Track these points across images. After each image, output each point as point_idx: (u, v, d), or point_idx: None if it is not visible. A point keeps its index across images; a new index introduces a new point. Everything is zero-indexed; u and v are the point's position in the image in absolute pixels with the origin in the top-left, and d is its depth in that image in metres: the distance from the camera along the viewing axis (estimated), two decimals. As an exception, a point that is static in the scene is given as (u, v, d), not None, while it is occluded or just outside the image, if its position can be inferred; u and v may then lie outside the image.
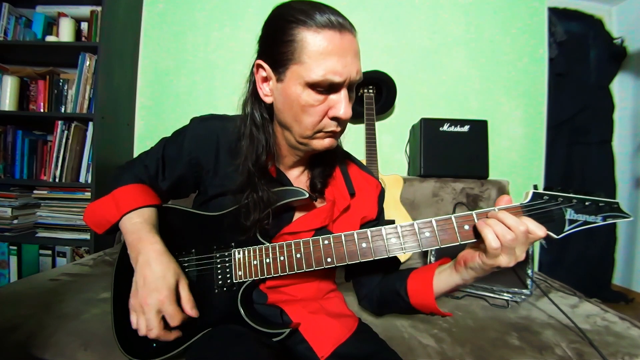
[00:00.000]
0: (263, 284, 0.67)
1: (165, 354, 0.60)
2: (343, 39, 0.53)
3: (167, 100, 1.81)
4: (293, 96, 0.55)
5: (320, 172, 0.69)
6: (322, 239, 0.60)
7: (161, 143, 0.71)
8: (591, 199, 0.55)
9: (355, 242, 0.58)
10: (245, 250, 0.63)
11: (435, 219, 0.56)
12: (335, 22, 0.53)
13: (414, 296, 0.65)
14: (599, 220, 0.54)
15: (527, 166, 1.85)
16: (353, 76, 0.55)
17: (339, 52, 0.53)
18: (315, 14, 0.52)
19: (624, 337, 0.86)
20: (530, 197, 0.56)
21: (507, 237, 0.50)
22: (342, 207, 0.70)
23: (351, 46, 0.54)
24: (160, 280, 0.55)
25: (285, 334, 0.59)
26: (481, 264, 0.55)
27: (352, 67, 0.54)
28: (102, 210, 0.63)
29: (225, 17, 1.81)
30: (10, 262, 1.61)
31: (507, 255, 0.52)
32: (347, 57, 0.53)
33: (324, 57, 0.52)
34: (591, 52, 2.06)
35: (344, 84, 0.55)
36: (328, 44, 0.52)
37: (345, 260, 0.59)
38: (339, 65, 0.53)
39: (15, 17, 1.65)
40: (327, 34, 0.52)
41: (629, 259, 2.09)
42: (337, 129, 0.59)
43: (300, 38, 0.53)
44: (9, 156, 1.62)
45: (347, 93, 0.56)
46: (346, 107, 0.56)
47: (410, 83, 1.80)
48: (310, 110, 0.56)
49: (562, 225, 0.54)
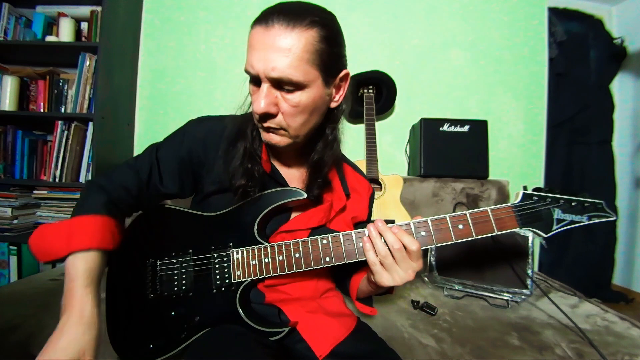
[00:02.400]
0: (261, 283, 0.67)
1: (163, 355, 0.60)
2: (266, 33, 0.52)
3: (167, 100, 1.81)
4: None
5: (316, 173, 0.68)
6: (320, 238, 0.60)
7: (152, 148, 0.69)
8: (577, 200, 0.58)
9: (353, 241, 0.59)
10: (243, 250, 0.63)
11: (430, 218, 0.58)
12: (265, 19, 0.53)
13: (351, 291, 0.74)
14: (585, 219, 0.58)
15: (527, 166, 1.85)
16: (267, 71, 0.52)
17: (258, 45, 0.53)
18: (263, 12, 0.55)
19: (624, 337, 0.86)
20: (521, 197, 0.59)
21: (382, 254, 0.54)
22: (339, 207, 0.71)
23: (275, 41, 0.51)
24: (60, 351, 0.47)
25: (283, 334, 0.60)
26: (371, 279, 0.59)
27: (267, 63, 0.52)
28: (52, 238, 0.55)
29: (225, 17, 1.81)
30: (10, 262, 1.61)
31: (389, 273, 0.55)
32: (266, 52, 0.52)
33: (250, 51, 0.54)
34: (591, 52, 2.06)
35: (261, 78, 0.54)
36: (251, 38, 0.54)
37: (344, 260, 0.59)
38: (254, 59, 0.53)
39: (15, 17, 1.65)
40: (255, 29, 0.54)
41: (629, 259, 2.09)
42: (267, 124, 0.57)
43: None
44: (9, 156, 1.62)
45: (267, 87, 0.54)
46: (257, 102, 0.54)
47: (410, 83, 1.80)
48: (251, 100, 0.59)
49: (550, 224, 0.58)
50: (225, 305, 0.61)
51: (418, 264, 0.55)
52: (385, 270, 0.55)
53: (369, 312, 0.71)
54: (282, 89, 0.55)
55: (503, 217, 0.57)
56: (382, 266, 0.56)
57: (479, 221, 0.57)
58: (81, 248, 0.53)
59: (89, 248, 0.54)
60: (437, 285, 1.17)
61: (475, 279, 1.11)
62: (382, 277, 0.56)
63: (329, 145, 0.65)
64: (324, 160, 0.66)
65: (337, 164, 0.74)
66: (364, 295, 0.72)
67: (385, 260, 0.55)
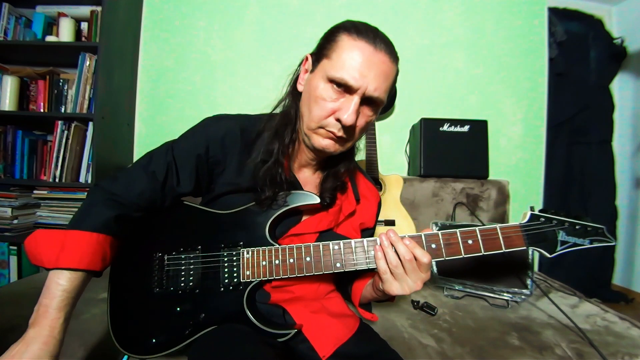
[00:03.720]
0: (268, 284, 0.67)
1: (166, 350, 0.60)
2: (374, 54, 0.56)
3: (167, 100, 1.81)
4: (314, 86, 0.60)
5: (332, 182, 0.69)
6: (332, 244, 0.61)
7: (167, 147, 0.67)
8: (581, 223, 0.61)
9: (364, 249, 0.60)
10: (254, 251, 0.63)
11: (441, 232, 0.59)
12: (373, 39, 0.56)
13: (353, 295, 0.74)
14: (587, 243, 0.61)
15: (527, 166, 1.85)
16: (369, 89, 0.56)
17: (365, 62, 0.55)
18: (363, 29, 0.58)
19: (624, 337, 0.86)
20: (528, 217, 0.61)
21: (393, 263, 0.55)
22: (348, 211, 0.72)
23: (380, 64, 0.56)
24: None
25: (289, 336, 0.60)
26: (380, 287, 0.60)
27: (372, 81, 0.56)
28: (43, 248, 0.55)
29: (225, 17, 1.80)
30: (10, 262, 1.60)
31: (398, 283, 0.56)
32: (371, 70, 0.56)
33: (349, 59, 0.56)
34: (591, 52, 2.06)
35: (358, 91, 0.56)
36: (358, 51, 0.56)
37: (355, 267, 0.60)
38: (359, 73, 0.55)
39: (15, 17, 1.65)
40: (361, 43, 0.56)
41: (629, 259, 2.09)
42: (339, 132, 0.59)
43: (339, 39, 0.58)
44: (9, 156, 1.62)
45: (358, 101, 0.57)
46: (351, 114, 0.56)
47: (410, 83, 1.80)
48: (321, 103, 0.58)
49: (554, 245, 0.61)
50: (232, 304, 0.61)
51: (427, 274, 0.57)
52: (395, 279, 0.56)
53: (370, 317, 0.71)
54: (365, 105, 0.59)
55: (511, 235, 0.60)
56: (392, 275, 0.56)
57: (488, 238, 0.59)
58: (68, 267, 0.53)
59: (76, 269, 0.53)
60: (437, 285, 1.17)
61: (475, 279, 1.11)
62: (391, 286, 0.57)
63: (350, 157, 0.70)
64: (341, 169, 0.69)
65: (352, 172, 0.75)
66: (366, 301, 0.73)
67: (396, 270, 0.55)
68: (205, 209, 0.68)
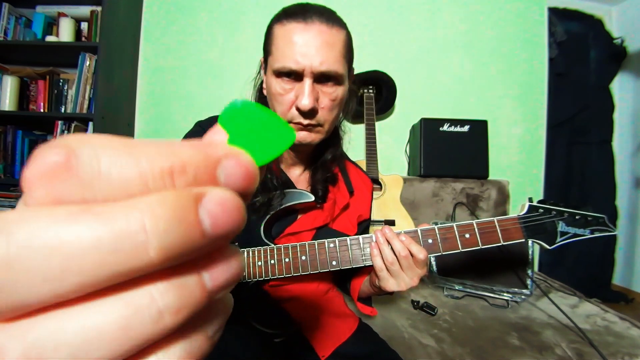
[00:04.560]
0: (265, 283, 0.67)
1: None
2: (307, 28, 0.53)
3: (167, 100, 1.81)
4: (269, 85, 0.59)
5: (322, 174, 0.69)
6: (327, 242, 0.60)
7: None
8: (581, 213, 0.59)
9: (360, 246, 0.59)
10: (249, 251, 0.62)
11: (437, 226, 0.59)
12: (302, 15, 0.53)
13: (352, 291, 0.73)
14: (587, 233, 0.59)
15: (527, 166, 1.85)
16: (315, 65, 0.53)
17: (300, 40, 0.53)
18: (290, 10, 0.55)
19: (624, 337, 0.86)
20: (527, 209, 0.60)
21: (389, 260, 0.54)
22: (342, 205, 0.71)
23: (318, 36, 0.53)
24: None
25: (288, 335, 0.59)
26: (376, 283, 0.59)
27: (315, 57, 0.53)
28: None
29: (225, 17, 1.81)
30: (10, 262, 1.61)
31: (395, 279, 0.56)
32: (310, 47, 0.53)
33: (285, 45, 0.54)
34: (591, 52, 2.06)
35: (304, 72, 0.54)
36: (289, 33, 0.54)
37: (350, 264, 0.59)
38: (298, 54, 0.53)
39: (15, 17, 1.65)
40: (291, 24, 0.54)
41: (629, 259, 2.09)
42: (305, 121, 0.57)
43: (273, 31, 0.57)
44: (9, 156, 1.62)
45: (310, 83, 0.54)
46: (306, 97, 0.54)
47: (410, 83, 1.80)
48: (279, 99, 0.57)
49: (554, 236, 0.59)
50: None
51: (423, 270, 0.56)
52: (392, 276, 0.56)
53: (370, 312, 0.71)
54: (322, 84, 0.56)
55: (509, 228, 0.58)
56: (388, 272, 0.56)
57: (486, 231, 0.58)
58: None
59: None
60: (437, 285, 1.17)
61: (475, 279, 1.11)
62: (387, 283, 0.56)
63: (336, 143, 0.68)
64: (329, 159, 0.68)
65: (340, 162, 0.74)
66: (364, 296, 0.72)
67: (392, 267, 0.55)
68: None
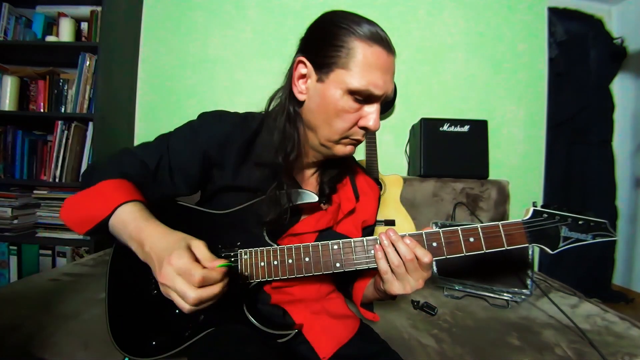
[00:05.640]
0: (268, 284, 0.67)
1: (166, 352, 0.60)
2: (389, 58, 0.56)
3: (167, 100, 1.81)
4: (331, 99, 0.56)
5: (331, 177, 0.70)
6: (331, 243, 0.60)
7: (162, 139, 0.66)
8: (584, 219, 0.60)
9: (364, 248, 0.59)
10: (252, 252, 0.62)
11: (442, 230, 0.58)
12: (385, 41, 0.56)
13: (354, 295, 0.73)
14: (589, 238, 0.60)
15: (527, 166, 1.85)
16: (389, 93, 0.58)
17: (383, 68, 0.55)
18: (370, 29, 0.55)
19: (624, 337, 0.86)
20: (531, 214, 0.60)
21: (395, 263, 0.54)
22: (347, 209, 0.71)
23: (392, 67, 0.58)
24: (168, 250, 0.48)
25: (290, 336, 0.59)
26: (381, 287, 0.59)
27: (390, 85, 0.58)
28: (86, 204, 0.54)
29: (225, 17, 1.81)
30: (10, 262, 1.60)
31: (400, 282, 0.55)
32: (388, 75, 0.57)
33: (370, 69, 0.54)
34: (591, 52, 2.05)
35: (381, 98, 0.58)
36: (377, 59, 0.55)
37: (354, 267, 0.59)
38: (381, 80, 0.55)
39: (15, 17, 1.65)
40: (378, 49, 0.55)
41: (629, 259, 2.09)
42: (363, 138, 0.62)
43: (352, 46, 0.54)
44: (9, 156, 1.62)
45: (379, 107, 0.59)
46: (376, 119, 0.58)
47: (410, 83, 1.80)
48: (344, 116, 0.58)
49: (557, 241, 0.59)
50: (231, 306, 0.61)
51: (428, 273, 0.56)
52: (397, 279, 0.56)
53: (372, 317, 0.71)
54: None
55: (513, 232, 0.59)
56: (393, 275, 0.56)
57: (490, 236, 0.58)
58: (124, 200, 0.53)
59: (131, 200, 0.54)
60: (437, 285, 1.17)
61: (475, 279, 1.11)
62: (392, 286, 0.56)
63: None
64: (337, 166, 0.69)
65: (347, 165, 0.75)
66: (367, 301, 0.72)
67: (397, 270, 0.55)
68: (202, 209, 0.67)
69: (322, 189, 0.68)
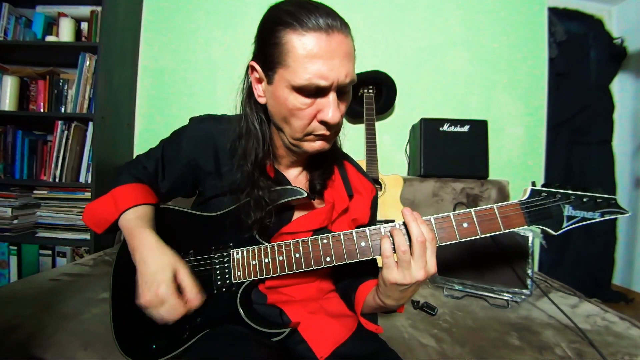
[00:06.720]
0: (262, 284, 0.67)
1: (166, 355, 0.60)
2: (330, 40, 0.50)
3: (167, 100, 1.81)
4: (281, 99, 0.54)
5: (320, 173, 0.69)
6: (320, 238, 0.59)
7: (160, 145, 0.72)
8: (589, 195, 0.54)
9: (354, 240, 0.58)
10: (243, 251, 0.63)
11: (434, 217, 0.57)
12: (323, 24, 0.50)
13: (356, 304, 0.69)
14: (597, 216, 0.54)
15: (527, 166, 1.84)
16: (341, 79, 0.52)
17: (325, 54, 0.50)
18: (302, 15, 0.50)
19: (624, 337, 0.86)
20: (529, 194, 0.56)
21: (402, 248, 0.53)
22: (341, 208, 0.70)
23: (340, 48, 0.51)
24: (156, 275, 0.55)
25: (284, 334, 0.59)
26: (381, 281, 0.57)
27: (341, 70, 0.51)
28: (101, 209, 0.64)
29: (225, 17, 1.81)
30: (10, 262, 1.61)
31: (400, 270, 0.53)
32: (335, 60, 0.50)
33: (308, 60, 0.50)
34: (591, 52, 2.06)
35: (331, 88, 0.52)
36: (313, 47, 0.50)
37: (345, 259, 0.59)
38: (325, 69, 0.50)
39: (15, 17, 1.65)
40: (313, 36, 0.49)
41: (629, 259, 2.09)
42: (327, 132, 0.57)
43: (285, 41, 0.51)
44: (9, 156, 1.62)
45: (335, 96, 0.54)
46: (334, 111, 0.53)
47: (410, 83, 1.80)
48: (298, 114, 0.54)
49: (560, 221, 0.55)
50: (226, 306, 0.61)
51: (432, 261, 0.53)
52: (398, 266, 0.53)
53: (375, 329, 0.67)
54: (342, 94, 0.55)
55: (510, 214, 0.55)
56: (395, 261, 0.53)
57: (485, 219, 0.55)
58: (128, 206, 0.62)
59: (134, 205, 0.63)
60: (437, 285, 1.17)
61: (475, 279, 1.11)
62: (391, 273, 0.53)
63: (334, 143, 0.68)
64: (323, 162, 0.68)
65: (340, 164, 0.74)
66: (369, 311, 0.69)
67: (402, 256, 0.52)
68: (194, 212, 0.68)
69: (313, 186, 0.68)
